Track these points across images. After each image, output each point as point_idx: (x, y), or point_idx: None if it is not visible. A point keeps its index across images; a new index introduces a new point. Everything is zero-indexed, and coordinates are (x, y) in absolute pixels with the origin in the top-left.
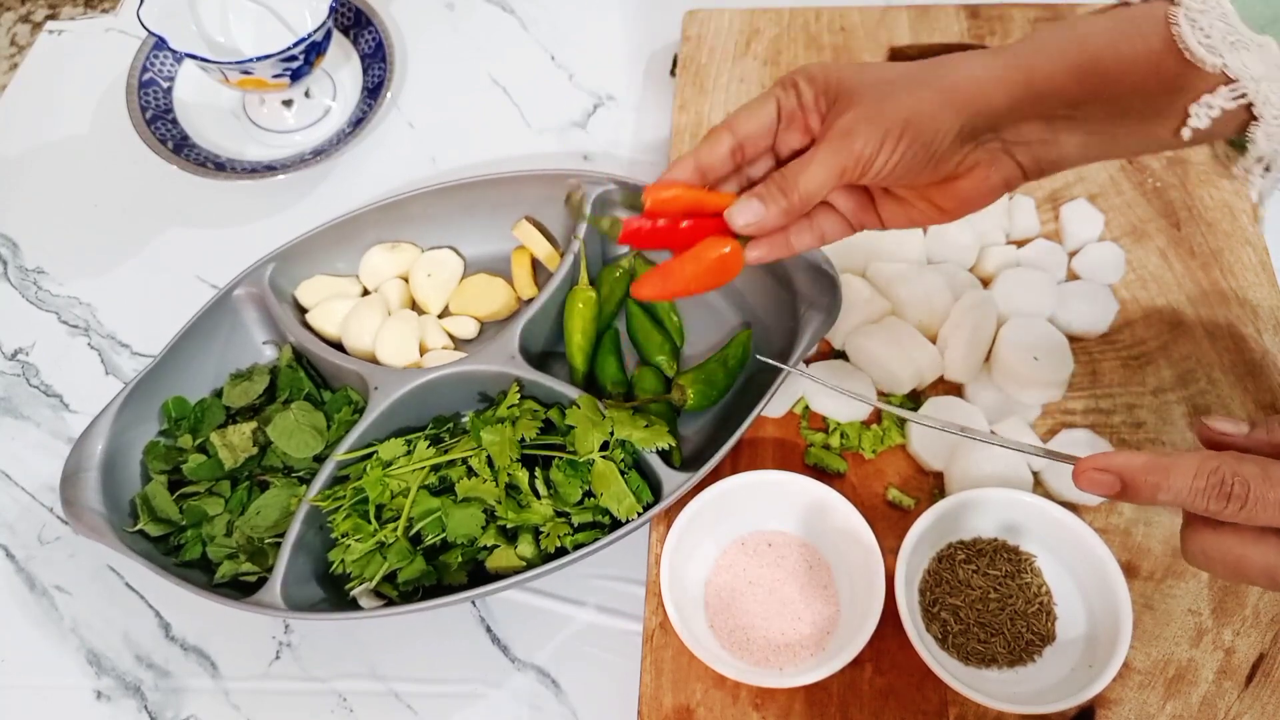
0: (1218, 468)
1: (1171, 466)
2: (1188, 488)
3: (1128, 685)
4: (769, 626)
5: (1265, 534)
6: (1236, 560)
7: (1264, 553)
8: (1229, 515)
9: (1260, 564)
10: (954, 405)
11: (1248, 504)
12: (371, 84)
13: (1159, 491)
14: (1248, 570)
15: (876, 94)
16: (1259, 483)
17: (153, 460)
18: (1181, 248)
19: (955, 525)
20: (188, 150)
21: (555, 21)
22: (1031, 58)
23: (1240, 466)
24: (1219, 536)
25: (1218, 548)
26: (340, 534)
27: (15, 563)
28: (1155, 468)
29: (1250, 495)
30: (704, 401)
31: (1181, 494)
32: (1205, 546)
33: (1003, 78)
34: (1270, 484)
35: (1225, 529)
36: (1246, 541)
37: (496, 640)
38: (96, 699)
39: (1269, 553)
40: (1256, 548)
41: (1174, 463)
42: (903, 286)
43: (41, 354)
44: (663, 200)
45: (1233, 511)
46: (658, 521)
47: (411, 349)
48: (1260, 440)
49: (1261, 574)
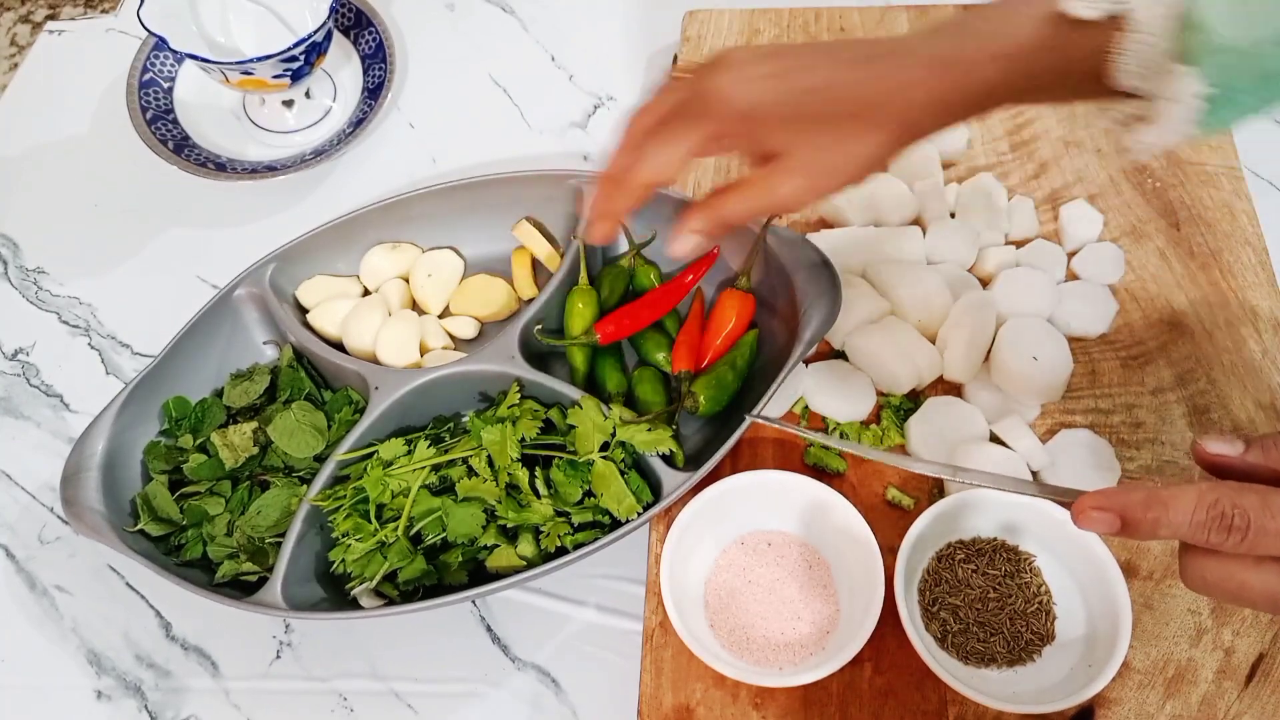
0: (1217, 500)
1: (1170, 501)
2: (1188, 522)
3: (1127, 685)
4: (768, 626)
5: (1265, 560)
6: (1238, 586)
7: (1265, 579)
8: (1230, 547)
9: (1261, 590)
10: (953, 405)
11: (1249, 535)
12: (372, 84)
13: (1159, 527)
14: (1248, 596)
15: (807, 141)
16: (1259, 513)
17: (153, 460)
18: (1181, 248)
19: (955, 525)
20: (188, 150)
21: (555, 22)
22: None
23: (1240, 498)
24: (1219, 563)
25: (1217, 574)
26: (341, 533)
27: (15, 563)
28: (1154, 503)
29: (1251, 526)
30: (715, 407)
31: (1182, 528)
32: (1205, 573)
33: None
34: (1270, 514)
35: (1225, 555)
36: (1247, 568)
37: (496, 640)
38: (97, 699)
39: (1270, 579)
40: (1257, 574)
41: (1173, 497)
42: (902, 286)
43: (42, 354)
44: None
45: (1234, 543)
46: (658, 521)
47: (412, 349)
48: (1256, 462)
49: (1263, 599)
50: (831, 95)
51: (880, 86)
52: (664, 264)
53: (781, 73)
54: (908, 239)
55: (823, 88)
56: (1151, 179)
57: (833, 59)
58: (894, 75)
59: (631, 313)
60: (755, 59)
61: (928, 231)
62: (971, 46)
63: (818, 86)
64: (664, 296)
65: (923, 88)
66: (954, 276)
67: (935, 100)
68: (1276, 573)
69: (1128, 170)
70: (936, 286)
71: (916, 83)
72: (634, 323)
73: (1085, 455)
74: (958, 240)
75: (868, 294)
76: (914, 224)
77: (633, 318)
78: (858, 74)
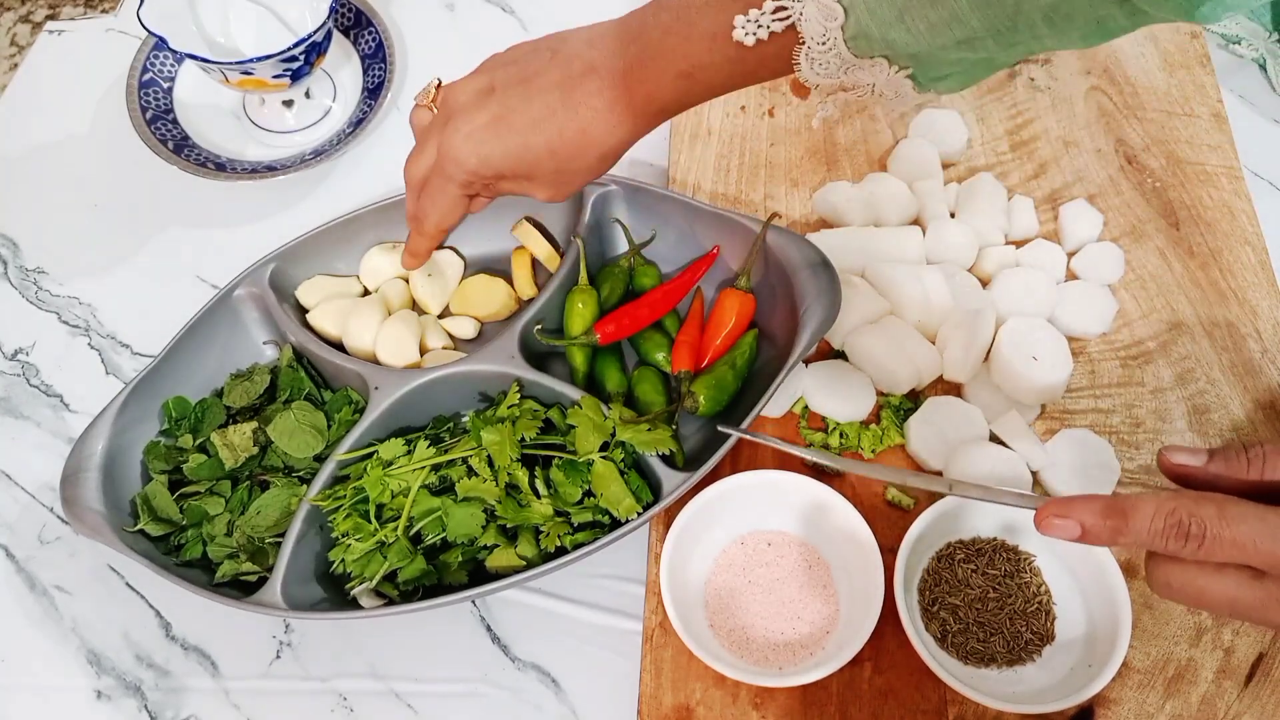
0: (1175, 510)
1: (1130, 510)
2: (1146, 529)
3: (1127, 685)
4: (768, 626)
5: (1224, 567)
6: (1199, 592)
7: (1224, 585)
8: (1188, 554)
9: (1221, 596)
10: (953, 405)
11: (1205, 543)
12: (372, 84)
13: (1119, 535)
14: (1210, 601)
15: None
16: (1214, 522)
17: (153, 460)
18: (1181, 247)
19: (954, 524)
20: (188, 150)
21: (555, 22)
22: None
23: (1197, 507)
24: (1181, 570)
25: (1179, 580)
26: (340, 533)
27: (15, 563)
28: (1114, 511)
29: (1207, 534)
30: (715, 407)
31: (1141, 536)
32: (1169, 579)
33: (632, 120)
34: (1225, 523)
35: (1186, 562)
36: (1206, 574)
37: (496, 640)
38: (96, 699)
39: (1229, 585)
40: (1216, 580)
41: (1132, 506)
42: (902, 286)
43: (42, 354)
44: None
45: (1191, 550)
46: (658, 521)
47: (411, 349)
48: (1219, 472)
49: (1223, 605)
50: (540, 148)
51: (579, 126)
52: (664, 264)
53: (493, 122)
54: (908, 239)
55: (532, 142)
56: (1151, 179)
57: (532, 89)
58: (590, 105)
59: (631, 313)
60: (472, 105)
61: (928, 231)
62: (655, 67)
63: (527, 142)
64: (664, 296)
65: (615, 115)
66: (954, 276)
67: (627, 124)
68: (1235, 579)
69: (1128, 170)
70: (936, 286)
71: (609, 109)
72: (634, 323)
73: (1085, 455)
74: (958, 240)
75: (868, 294)
76: (914, 224)
77: (632, 318)
78: (558, 117)
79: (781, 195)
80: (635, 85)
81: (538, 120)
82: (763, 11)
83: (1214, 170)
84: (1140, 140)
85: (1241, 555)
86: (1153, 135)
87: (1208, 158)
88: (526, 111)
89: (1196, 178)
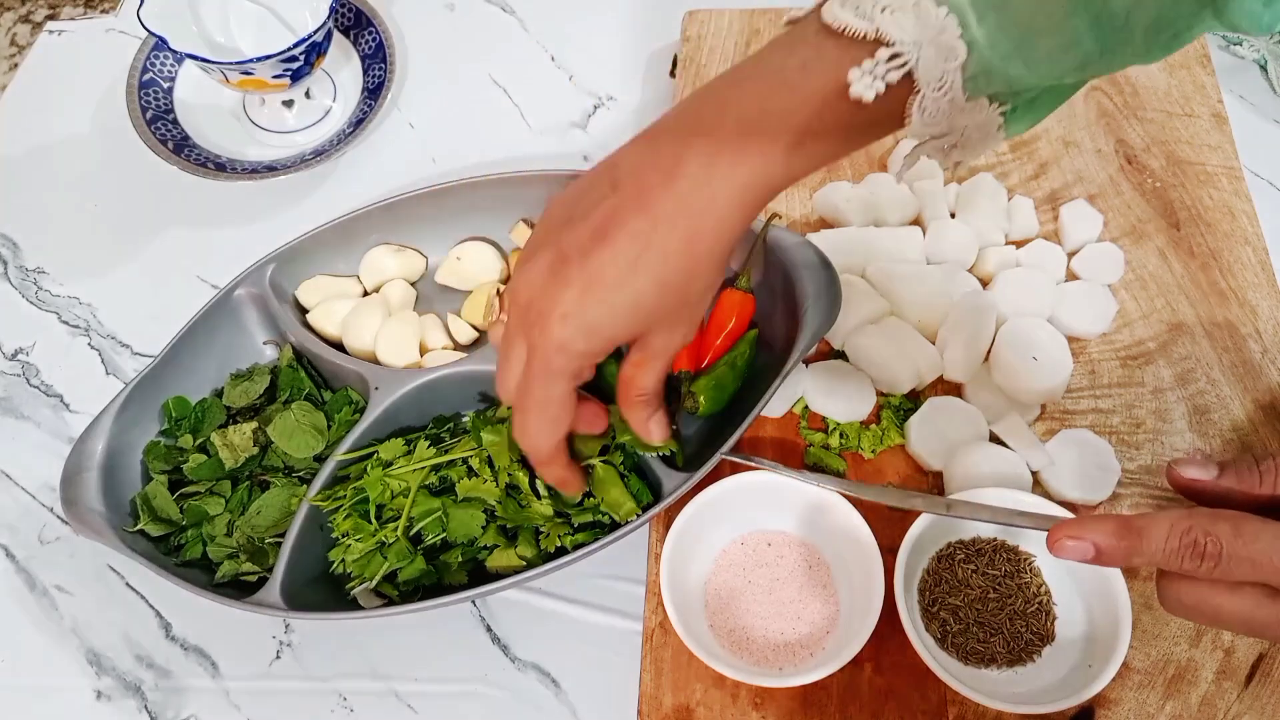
0: (1190, 528)
1: (1144, 529)
2: (1161, 549)
3: (1127, 685)
4: (768, 626)
5: (1239, 585)
6: (1213, 611)
7: (1239, 604)
8: (1204, 573)
9: (1236, 614)
10: (953, 405)
11: (1221, 562)
12: (372, 84)
13: (1133, 555)
14: (1224, 620)
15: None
16: (1230, 540)
17: (153, 460)
18: (1181, 248)
19: (954, 525)
20: (188, 150)
21: (555, 22)
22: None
23: (1213, 525)
24: (1195, 589)
25: (1193, 599)
26: (340, 534)
27: (15, 563)
28: (1127, 531)
29: (1223, 553)
30: (715, 407)
31: (1156, 555)
32: (1181, 598)
33: (740, 219)
34: (1242, 541)
35: (1200, 581)
36: (1221, 592)
37: (496, 640)
38: (96, 699)
39: (1245, 604)
40: (1231, 599)
41: (1146, 525)
42: (902, 286)
43: (42, 354)
44: None
45: (1207, 570)
46: (657, 521)
47: (412, 349)
48: (1230, 486)
49: (1238, 623)
50: (649, 292)
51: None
52: None
53: (586, 290)
54: (908, 239)
55: (639, 288)
56: (1151, 179)
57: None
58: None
59: None
60: (552, 285)
61: (928, 231)
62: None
63: (635, 290)
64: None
65: (714, 216)
66: (954, 276)
67: (732, 218)
68: (1251, 598)
69: (1128, 170)
70: (936, 286)
71: (707, 211)
72: None
73: (1085, 455)
74: (958, 240)
75: (868, 294)
76: (914, 224)
77: None
78: (655, 246)
79: (781, 195)
80: (728, 176)
81: (635, 261)
82: (876, 61)
83: (1214, 170)
84: (1140, 140)
85: (1258, 574)
86: (1153, 135)
87: (1208, 158)
88: (616, 260)
89: (1197, 178)
